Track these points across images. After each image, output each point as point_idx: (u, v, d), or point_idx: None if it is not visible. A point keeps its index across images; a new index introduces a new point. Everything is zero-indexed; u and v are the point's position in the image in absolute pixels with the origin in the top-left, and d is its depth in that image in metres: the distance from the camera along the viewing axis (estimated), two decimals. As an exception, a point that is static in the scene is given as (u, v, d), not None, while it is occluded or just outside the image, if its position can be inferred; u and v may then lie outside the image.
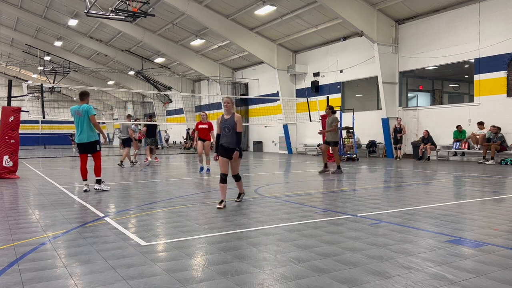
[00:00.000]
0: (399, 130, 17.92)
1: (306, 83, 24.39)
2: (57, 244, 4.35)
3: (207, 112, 15.64)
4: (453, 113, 17.13)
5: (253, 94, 28.82)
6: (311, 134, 23.32)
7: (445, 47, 17.00)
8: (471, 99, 17.42)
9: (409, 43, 18.55)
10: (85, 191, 8.29)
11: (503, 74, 15.23)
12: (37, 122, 50.30)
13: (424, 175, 11.22)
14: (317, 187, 9.03)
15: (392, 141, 18.63)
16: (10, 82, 12.18)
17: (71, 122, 8.97)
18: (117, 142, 54.99)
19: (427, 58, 17.73)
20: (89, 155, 8.50)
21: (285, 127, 25.17)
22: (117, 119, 51.90)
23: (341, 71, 21.94)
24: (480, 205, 6.49)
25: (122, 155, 15.18)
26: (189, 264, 3.64)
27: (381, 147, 19.93)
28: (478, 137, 15.42)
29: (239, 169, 6.80)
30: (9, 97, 11.80)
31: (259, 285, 3.12)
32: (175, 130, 41.53)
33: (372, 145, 20.09)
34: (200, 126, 12.45)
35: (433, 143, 17.13)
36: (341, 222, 5.30)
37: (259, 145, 28.67)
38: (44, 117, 12.84)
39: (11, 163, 11.26)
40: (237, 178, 6.83)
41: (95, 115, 8.31)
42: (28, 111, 12.81)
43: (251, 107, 29.85)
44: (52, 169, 14.53)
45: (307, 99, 19.03)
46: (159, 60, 33.20)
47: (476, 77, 16.12)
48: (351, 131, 18.62)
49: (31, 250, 4.12)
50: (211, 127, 12.40)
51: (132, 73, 34.47)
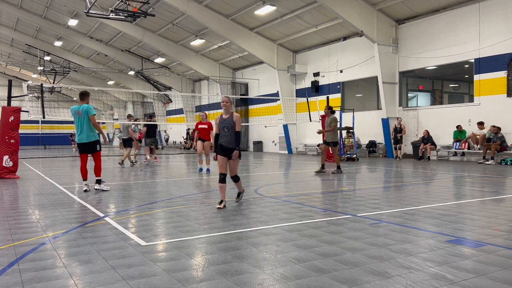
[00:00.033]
0: (399, 130, 17.92)
1: (306, 83, 24.39)
2: (57, 244, 4.35)
3: (207, 112, 15.64)
4: (453, 113, 17.14)
5: (253, 94, 28.82)
6: (311, 134, 23.31)
7: (445, 47, 17.00)
8: (471, 99, 17.42)
9: (409, 43, 18.55)
10: (85, 191, 8.29)
11: (503, 74, 15.23)
12: (37, 122, 50.31)
13: (424, 175, 11.22)
14: (317, 187, 9.03)
15: (392, 141, 18.64)
16: (10, 82, 12.18)
17: (71, 122, 8.97)
18: (117, 142, 55.07)
19: (427, 58, 17.73)
20: (89, 155, 8.51)
21: (285, 127, 25.18)
22: (117, 119, 51.90)
23: (341, 71, 21.93)
24: (480, 205, 6.49)
25: (123, 155, 15.18)
26: (189, 264, 3.64)
27: (381, 147, 19.93)
28: (478, 137, 15.43)
29: (237, 170, 6.74)
30: (9, 97, 11.80)
31: (259, 285, 3.12)
32: (175, 130, 41.52)
33: (372, 145, 20.09)
34: (199, 126, 12.45)
35: (433, 143, 17.13)
36: (341, 222, 5.30)
37: (259, 145, 28.68)
38: (44, 117, 12.85)
39: (11, 163, 11.26)
40: (236, 179, 6.77)
41: (94, 115, 8.31)
42: (28, 111, 12.81)
43: (251, 107, 29.85)
44: (52, 169, 14.53)
45: (307, 99, 19.03)
46: (159, 60, 33.19)
47: (476, 77, 16.12)
48: (351, 131, 18.62)
49: (31, 250, 4.12)
50: (210, 127, 12.38)
51: (132, 73, 34.47)
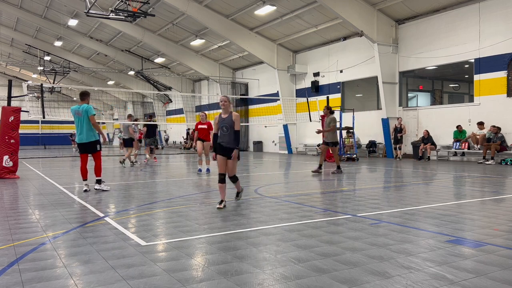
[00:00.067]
0: (399, 130, 17.92)
1: (306, 83, 24.38)
2: (57, 244, 4.35)
3: (207, 112, 15.63)
4: (453, 113, 17.13)
5: (253, 94, 28.82)
6: (311, 134, 23.30)
7: (445, 47, 17.00)
8: (471, 99, 17.42)
9: (409, 43, 18.54)
10: (85, 191, 8.29)
11: (503, 74, 15.23)
12: (37, 122, 50.31)
13: (424, 175, 11.22)
14: (317, 187, 9.03)
15: (392, 141, 18.64)
16: (10, 82, 12.18)
17: (71, 122, 8.97)
18: (117, 142, 55.08)
19: (427, 58, 17.73)
20: (89, 155, 8.50)
21: (285, 127, 25.17)
22: (117, 119, 51.91)
23: (341, 71, 21.93)
24: (480, 205, 6.49)
25: (124, 154, 15.18)
26: (189, 264, 3.64)
27: (381, 147, 19.93)
28: (478, 137, 15.43)
29: (236, 170, 6.68)
30: (9, 97, 11.80)
31: (259, 285, 3.12)
32: (175, 130, 41.53)
33: (372, 145, 20.09)
34: (199, 126, 12.43)
35: (433, 143, 17.13)
36: (341, 222, 5.30)
37: (259, 145, 28.68)
38: (44, 117, 12.85)
39: (11, 163, 11.26)
40: (234, 179, 6.69)
41: (94, 115, 8.30)
42: (28, 111, 12.81)
43: (251, 107, 29.85)
44: (52, 169, 14.53)
45: (307, 99, 19.03)
46: (159, 60, 33.19)
47: (476, 77, 16.12)
48: (351, 131, 18.62)
49: (31, 250, 4.12)
50: (210, 127, 12.36)
51: (132, 73, 34.46)
